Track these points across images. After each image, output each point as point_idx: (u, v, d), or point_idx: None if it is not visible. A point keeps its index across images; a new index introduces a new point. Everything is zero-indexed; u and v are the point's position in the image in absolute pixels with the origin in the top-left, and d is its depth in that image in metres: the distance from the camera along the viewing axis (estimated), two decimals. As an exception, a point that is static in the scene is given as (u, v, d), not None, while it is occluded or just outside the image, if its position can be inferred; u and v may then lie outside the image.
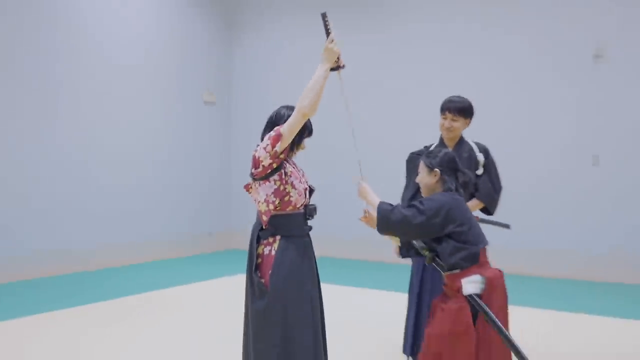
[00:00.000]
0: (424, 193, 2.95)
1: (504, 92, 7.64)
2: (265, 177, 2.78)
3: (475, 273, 2.68)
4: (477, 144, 3.88)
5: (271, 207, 2.78)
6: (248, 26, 9.75)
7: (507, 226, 4.04)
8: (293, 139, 2.83)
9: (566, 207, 7.30)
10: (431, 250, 2.78)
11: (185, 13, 9.10)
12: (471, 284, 2.66)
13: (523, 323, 5.20)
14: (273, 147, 2.72)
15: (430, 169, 2.88)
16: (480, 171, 3.84)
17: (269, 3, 9.53)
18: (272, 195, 2.78)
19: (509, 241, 7.37)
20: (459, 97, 3.81)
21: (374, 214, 2.82)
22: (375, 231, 2.90)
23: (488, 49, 7.76)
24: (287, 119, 2.81)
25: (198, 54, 9.32)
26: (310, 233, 2.96)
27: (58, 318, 5.26)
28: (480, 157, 3.83)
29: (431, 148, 3.94)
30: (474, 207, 3.85)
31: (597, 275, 7.15)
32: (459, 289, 2.66)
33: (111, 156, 8.00)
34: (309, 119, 2.87)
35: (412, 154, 3.95)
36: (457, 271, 2.70)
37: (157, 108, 8.65)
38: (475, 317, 2.64)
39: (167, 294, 6.32)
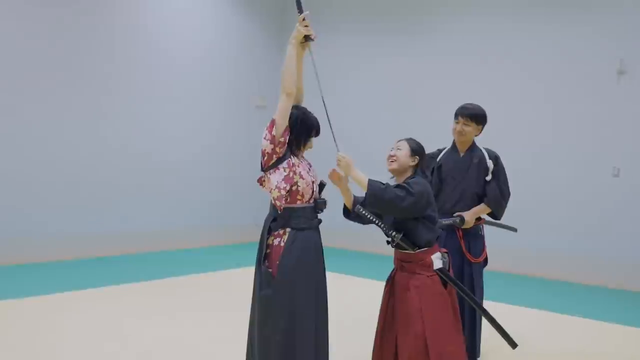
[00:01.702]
0: (394, 169, 2.82)
1: (530, 105, 7.30)
2: (274, 166, 2.70)
3: (437, 250, 2.73)
4: (488, 151, 3.68)
5: (283, 192, 2.65)
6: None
7: (514, 229, 3.79)
8: (301, 138, 2.77)
9: (587, 216, 6.87)
10: (398, 231, 2.68)
11: (239, 22, 9.09)
12: (438, 260, 2.69)
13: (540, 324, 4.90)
14: (270, 132, 2.68)
15: (414, 153, 2.79)
16: (489, 177, 3.60)
17: (318, 11, 9.34)
18: (283, 182, 2.67)
19: (531, 244, 7.05)
20: (472, 104, 3.68)
21: (359, 186, 2.71)
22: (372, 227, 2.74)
23: (516, 64, 7.43)
24: (294, 118, 2.74)
25: (252, 61, 9.30)
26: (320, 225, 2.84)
27: (114, 293, 5.33)
28: (490, 164, 3.63)
29: (444, 152, 3.74)
30: (481, 211, 3.64)
31: (615, 282, 6.67)
32: (430, 265, 2.66)
33: (171, 154, 8.09)
34: (316, 120, 2.81)
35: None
36: (426, 249, 2.68)
37: (213, 111, 8.73)
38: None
39: (216, 276, 6.33)
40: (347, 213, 2.91)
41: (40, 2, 6.56)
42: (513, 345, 2.65)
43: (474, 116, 3.59)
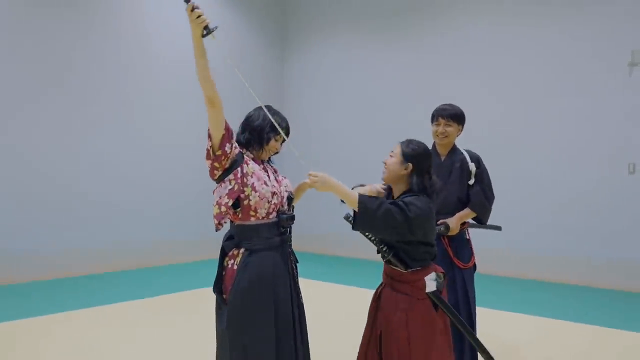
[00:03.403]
0: (384, 179, 2.48)
1: (539, 102, 6.93)
2: (220, 179, 2.34)
3: (432, 269, 2.39)
4: (469, 153, 3.46)
5: (223, 209, 2.29)
6: (298, 42, 9.59)
7: (498, 228, 3.59)
8: (262, 138, 2.43)
9: (601, 215, 6.46)
10: (391, 247, 2.34)
11: (241, 28, 8.98)
12: (432, 281, 2.35)
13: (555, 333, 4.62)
14: (207, 146, 2.33)
15: (406, 159, 2.39)
16: (472, 181, 3.39)
17: (318, 21, 9.33)
18: (226, 197, 2.29)
19: (541, 248, 6.73)
20: (450, 104, 3.48)
21: (348, 203, 2.32)
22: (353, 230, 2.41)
23: (521, 60, 7.05)
24: (250, 118, 2.49)
25: (253, 69, 9.16)
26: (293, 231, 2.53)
27: (120, 310, 5.13)
28: (472, 167, 3.42)
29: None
30: (466, 216, 3.43)
31: (634, 285, 6.25)
32: (422, 287, 2.34)
33: (168, 163, 7.89)
34: (279, 117, 2.49)
35: None
36: (418, 268, 2.36)
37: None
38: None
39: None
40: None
41: (30, 10, 6.34)
42: None
43: (455, 116, 3.38)
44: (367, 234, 2.38)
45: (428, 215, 2.30)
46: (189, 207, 8.02)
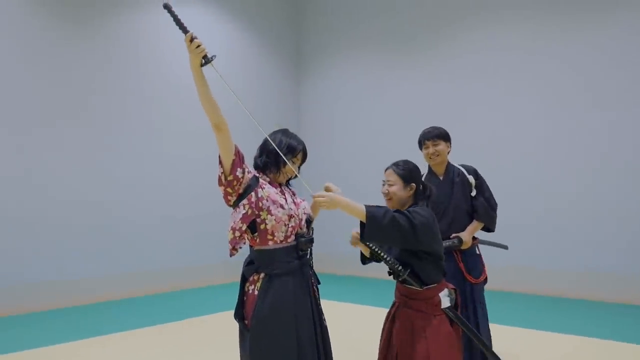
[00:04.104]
0: (397, 205, 2.56)
1: (558, 116, 6.97)
2: (235, 204, 2.36)
3: (444, 286, 2.49)
4: (465, 167, 3.68)
5: (237, 234, 2.30)
6: (314, 65, 9.95)
7: (505, 247, 3.75)
8: (278, 161, 2.44)
9: (624, 229, 6.41)
10: (405, 265, 2.42)
11: (257, 55, 9.34)
12: (446, 297, 2.45)
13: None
14: (219, 172, 2.34)
15: (407, 182, 2.54)
16: (474, 193, 3.59)
17: (333, 44, 9.70)
18: (240, 222, 2.30)
19: (555, 263, 6.82)
20: (432, 127, 3.68)
21: (356, 215, 2.37)
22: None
23: (540, 74, 7.10)
24: (267, 142, 2.48)
25: (269, 92, 9.49)
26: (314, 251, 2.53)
27: (141, 335, 5.18)
28: (471, 179, 3.62)
29: (422, 177, 3.75)
30: (476, 228, 3.61)
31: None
32: (437, 304, 2.43)
33: (189, 188, 8.03)
34: (295, 140, 2.51)
35: None
36: (433, 285, 2.45)
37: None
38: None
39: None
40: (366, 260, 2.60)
41: (47, 40, 6.59)
42: None
43: (441, 135, 3.60)
44: (380, 252, 2.44)
45: (431, 223, 2.40)
46: (212, 232, 8.10)
